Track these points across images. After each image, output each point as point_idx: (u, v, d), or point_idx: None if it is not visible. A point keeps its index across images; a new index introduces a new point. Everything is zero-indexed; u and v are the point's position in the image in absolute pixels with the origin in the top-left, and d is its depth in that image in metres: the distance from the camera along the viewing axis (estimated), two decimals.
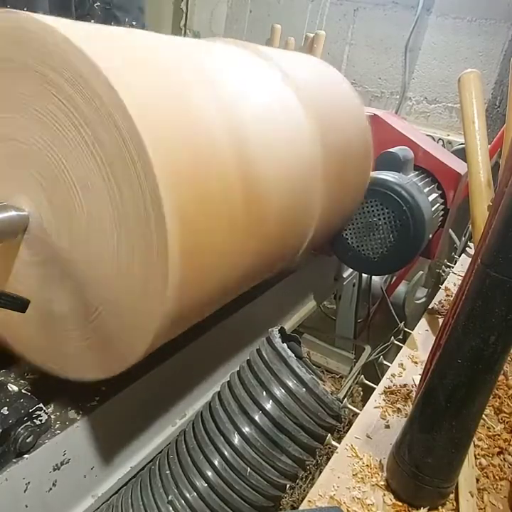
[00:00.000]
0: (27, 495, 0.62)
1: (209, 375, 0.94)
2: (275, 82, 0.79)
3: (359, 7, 2.70)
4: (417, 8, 2.49)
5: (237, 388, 0.73)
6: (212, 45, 0.80)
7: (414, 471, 0.66)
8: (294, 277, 1.14)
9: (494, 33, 2.37)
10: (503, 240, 0.54)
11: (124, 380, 0.71)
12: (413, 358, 1.04)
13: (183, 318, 0.61)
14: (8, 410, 0.59)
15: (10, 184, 0.60)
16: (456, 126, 2.54)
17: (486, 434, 0.86)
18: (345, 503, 0.68)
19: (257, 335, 1.04)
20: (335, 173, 0.86)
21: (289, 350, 0.73)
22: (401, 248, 1.07)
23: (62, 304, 0.60)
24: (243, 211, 0.63)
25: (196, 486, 0.68)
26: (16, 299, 0.57)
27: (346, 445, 0.78)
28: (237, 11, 3.09)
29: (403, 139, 1.35)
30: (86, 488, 0.71)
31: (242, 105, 0.67)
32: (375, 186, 1.05)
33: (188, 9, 3.02)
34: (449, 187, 1.35)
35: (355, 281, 1.66)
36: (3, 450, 0.57)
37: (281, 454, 0.70)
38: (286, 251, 0.83)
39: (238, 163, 0.62)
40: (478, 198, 1.08)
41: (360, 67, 2.77)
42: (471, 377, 0.60)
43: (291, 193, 0.74)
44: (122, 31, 0.65)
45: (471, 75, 1.13)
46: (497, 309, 0.56)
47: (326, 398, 0.70)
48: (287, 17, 2.84)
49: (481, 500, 0.72)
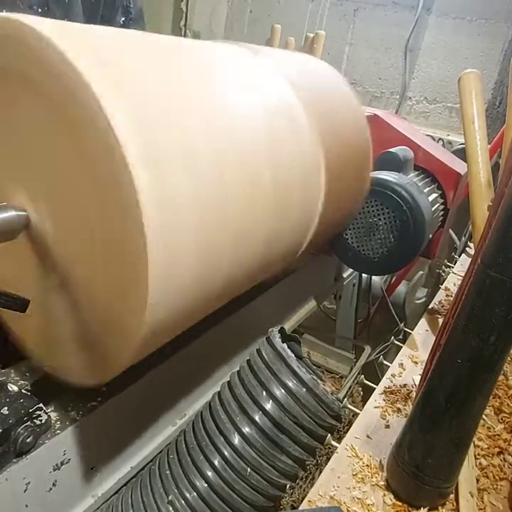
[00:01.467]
0: (27, 495, 0.62)
1: (209, 375, 0.94)
2: (275, 83, 0.79)
3: (359, 7, 2.70)
4: (417, 8, 2.50)
5: (237, 388, 0.73)
6: (213, 46, 0.80)
7: (414, 471, 0.66)
8: (294, 277, 1.14)
9: (494, 33, 2.37)
10: (503, 240, 0.54)
11: (125, 380, 0.71)
12: (413, 358, 1.04)
13: (172, 322, 0.60)
14: (8, 410, 0.59)
15: (9, 184, 0.60)
16: (456, 126, 2.54)
17: (486, 434, 0.86)
18: (345, 503, 0.68)
19: (257, 335, 1.04)
20: (335, 174, 0.86)
21: (289, 350, 0.73)
22: (401, 248, 1.07)
23: (57, 303, 0.60)
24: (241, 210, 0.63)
25: (196, 486, 0.68)
26: (16, 299, 0.57)
27: (346, 445, 0.78)
28: (237, 11, 3.09)
29: (403, 139, 1.35)
30: (86, 488, 0.71)
31: (240, 104, 0.67)
32: (375, 186, 1.05)
33: (188, 9, 3.02)
34: (449, 187, 1.35)
35: (355, 281, 1.66)
36: (3, 450, 0.57)
37: (281, 454, 0.70)
38: (285, 252, 0.83)
39: (238, 164, 0.62)
40: (478, 198, 1.08)
41: (360, 67, 2.77)
42: (471, 377, 0.60)
43: (289, 193, 0.74)
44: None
45: (471, 75, 1.14)
46: (497, 309, 0.56)
47: (326, 398, 0.70)
48: (287, 17, 2.84)
49: (481, 501, 0.72)
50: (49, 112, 0.52)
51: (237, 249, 0.64)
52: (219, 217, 0.59)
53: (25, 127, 0.56)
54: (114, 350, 0.57)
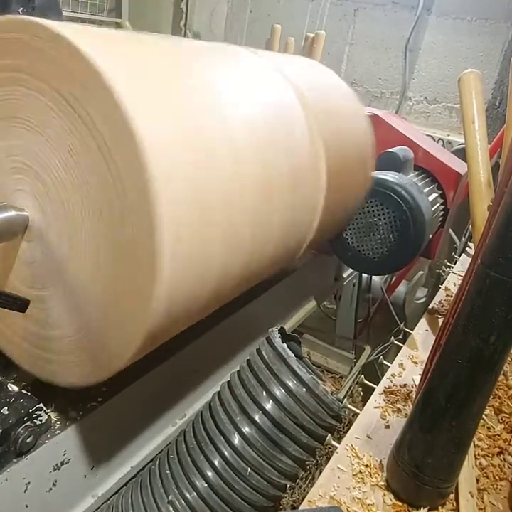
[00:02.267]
0: (27, 495, 0.62)
1: (209, 375, 0.94)
2: (276, 85, 0.79)
3: (359, 7, 2.70)
4: (417, 8, 2.49)
5: (237, 388, 0.73)
6: (213, 48, 0.80)
7: (414, 471, 0.66)
8: (294, 277, 1.14)
9: (494, 33, 2.37)
10: (503, 240, 0.54)
11: (124, 380, 0.72)
12: (413, 358, 1.04)
13: (174, 320, 0.60)
14: (8, 410, 0.59)
15: (10, 184, 0.60)
16: (456, 126, 2.54)
17: (486, 434, 0.86)
18: (345, 503, 0.68)
19: (257, 335, 1.04)
20: (336, 174, 0.86)
21: (289, 350, 0.73)
22: (401, 248, 1.07)
23: (55, 302, 0.60)
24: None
25: (196, 486, 0.68)
26: (16, 299, 0.57)
27: (346, 445, 0.78)
28: (237, 11, 3.09)
29: (403, 139, 1.35)
30: (86, 488, 0.71)
31: (243, 106, 0.67)
32: (376, 186, 1.05)
33: (188, 9, 3.02)
34: (449, 187, 1.35)
35: (355, 281, 1.66)
36: (3, 450, 0.57)
37: (281, 454, 0.70)
38: (287, 252, 0.83)
39: (234, 164, 0.62)
40: (478, 198, 1.08)
41: (361, 67, 2.77)
42: (471, 377, 0.60)
43: (292, 194, 0.74)
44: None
45: (471, 75, 1.14)
46: (497, 309, 0.56)
47: (326, 398, 0.70)
48: (287, 17, 2.84)
49: (481, 501, 0.72)
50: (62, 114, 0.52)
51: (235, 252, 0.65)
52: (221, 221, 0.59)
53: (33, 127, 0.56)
54: (114, 350, 0.57)
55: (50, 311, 0.61)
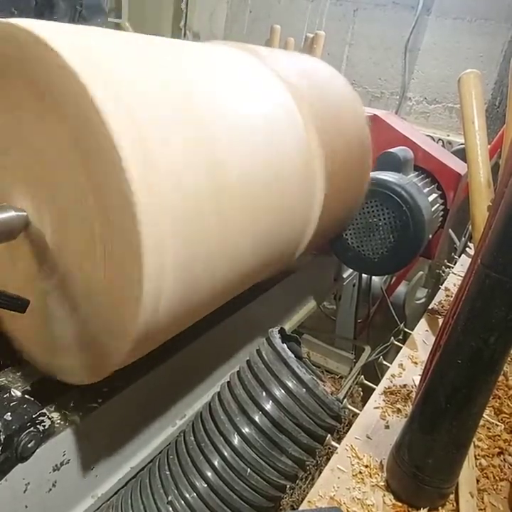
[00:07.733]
0: (27, 495, 0.62)
1: (209, 376, 0.94)
2: (274, 84, 0.79)
3: (359, 7, 2.70)
4: (416, 8, 2.50)
5: (237, 389, 0.73)
6: (211, 48, 0.80)
7: (414, 472, 0.66)
8: (294, 277, 1.14)
9: (494, 34, 2.37)
10: (503, 240, 0.54)
11: (124, 381, 0.71)
12: (413, 358, 1.04)
13: (164, 326, 0.60)
14: (12, 416, 0.58)
15: (9, 185, 0.60)
16: (456, 126, 2.55)
17: (486, 434, 0.86)
18: (345, 504, 0.68)
19: (257, 335, 1.04)
20: (335, 174, 0.86)
21: (289, 351, 0.73)
22: (401, 248, 1.07)
23: (55, 303, 0.60)
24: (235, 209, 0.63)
25: (196, 486, 0.68)
26: (16, 299, 0.57)
27: (346, 445, 0.78)
28: (237, 11, 3.09)
29: (403, 139, 1.35)
30: (86, 488, 0.71)
31: (240, 106, 0.67)
32: (375, 187, 1.05)
33: (188, 9, 3.02)
34: (449, 187, 1.35)
35: (355, 281, 1.66)
36: (6, 456, 0.57)
37: (281, 455, 0.70)
38: (282, 253, 0.82)
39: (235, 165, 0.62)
40: (478, 198, 1.08)
41: (360, 68, 2.77)
42: (471, 377, 0.60)
43: (282, 194, 0.73)
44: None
45: (471, 75, 1.14)
46: (497, 309, 0.56)
47: (326, 399, 0.70)
48: (287, 17, 2.85)
49: (481, 501, 0.72)
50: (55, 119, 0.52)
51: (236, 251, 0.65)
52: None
53: (28, 130, 0.56)
54: (112, 349, 0.57)
55: (49, 309, 0.61)
